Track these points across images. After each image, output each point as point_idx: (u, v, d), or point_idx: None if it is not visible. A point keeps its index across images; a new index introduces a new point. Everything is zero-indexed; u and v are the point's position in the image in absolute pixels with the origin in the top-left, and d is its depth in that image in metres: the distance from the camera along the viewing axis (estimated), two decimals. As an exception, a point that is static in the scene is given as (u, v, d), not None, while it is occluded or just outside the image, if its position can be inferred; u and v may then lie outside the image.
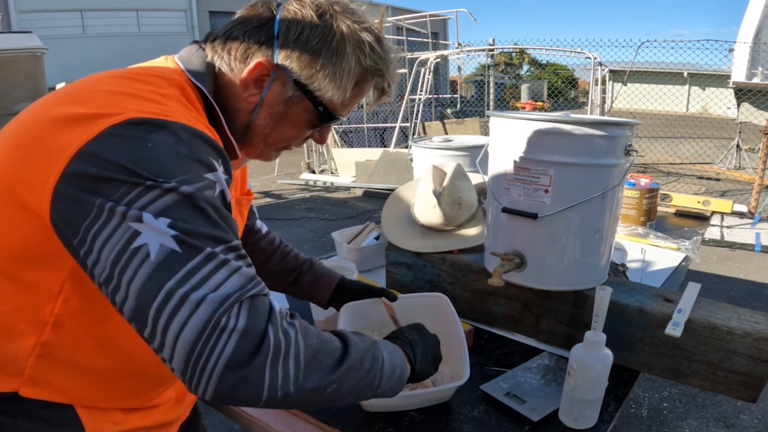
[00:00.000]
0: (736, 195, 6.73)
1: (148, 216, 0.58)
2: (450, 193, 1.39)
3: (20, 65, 5.77)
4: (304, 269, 1.17)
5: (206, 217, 0.61)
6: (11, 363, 0.70)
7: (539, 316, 1.22)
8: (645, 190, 2.02)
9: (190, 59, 0.79)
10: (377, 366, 0.73)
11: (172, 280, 0.57)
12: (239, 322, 0.58)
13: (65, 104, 0.66)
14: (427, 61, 7.92)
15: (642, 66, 10.69)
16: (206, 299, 0.57)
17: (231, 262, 0.61)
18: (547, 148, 1.02)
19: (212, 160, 0.65)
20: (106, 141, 0.60)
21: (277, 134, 0.83)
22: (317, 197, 7.07)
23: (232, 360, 0.57)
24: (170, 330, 0.57)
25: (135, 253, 0.58)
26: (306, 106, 0.80)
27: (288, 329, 0.63)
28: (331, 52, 0.76)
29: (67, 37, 14.88)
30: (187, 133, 0.64)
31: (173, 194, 0.60)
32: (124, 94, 0.66)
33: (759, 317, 1.01)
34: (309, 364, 0.63)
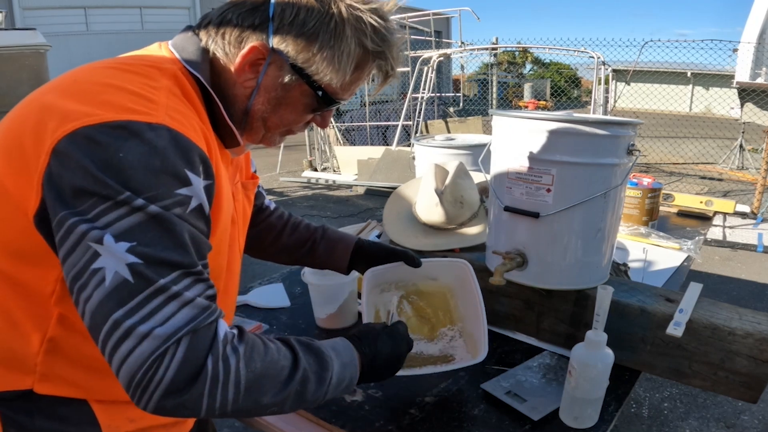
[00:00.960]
0: (739, 195, 6.71)
1: (109, 239, 0.58)
2: (452, 192, 1.39)
3: (24, 62, 5.77)
4: (318, 237, 1.16)
5: (168, 240, 0.61)
6: (22, 360, 0.71)
7: (540, 315, 1.22)
8: (647, 189, 2.02)
9: (184, 46, 0.76)
10: (323, 386, 0.74)
11: (120, 311, 0.58)
12: (176, 358, 0.59)
13: (57, 95, 0.66)
14: (430, 60, 7.91)
15: (645, 65, 10.67)
16: (152, 334, 0.58)
17: (183, 294, 0.61)
18: (549, 147, 1.02)
19: (187, 172, 0.63)
20: (79, 142, 0.60)
21: (276, 119, 0.80)
22: (319, 195, 7.08)
23: (170, 388, 0.59)
24: (115, 356, 0.59)
25: (93, 275, 0.59)
26: (304, 90, 0.78)
27: (230, 357, 0.63)
28: (329, 34, 0.74)
29: (70, 34, 14.90)
30: (163, 140, 0.62)
31: (139, 214, 0.59)
32: (113, 87, 0.65)
33: (761, 318, 1.01)
34: (249, 388, 0.65)
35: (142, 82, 0.67)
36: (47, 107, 0.64)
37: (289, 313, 1.44)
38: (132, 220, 0.59)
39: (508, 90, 21.41)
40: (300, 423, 1.01)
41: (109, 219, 0.59)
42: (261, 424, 1.04)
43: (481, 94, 14.45)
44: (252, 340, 0.68)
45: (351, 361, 0.80)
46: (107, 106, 0.62)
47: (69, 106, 0.63)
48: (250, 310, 1.46)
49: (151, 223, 0.60)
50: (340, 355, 0.79)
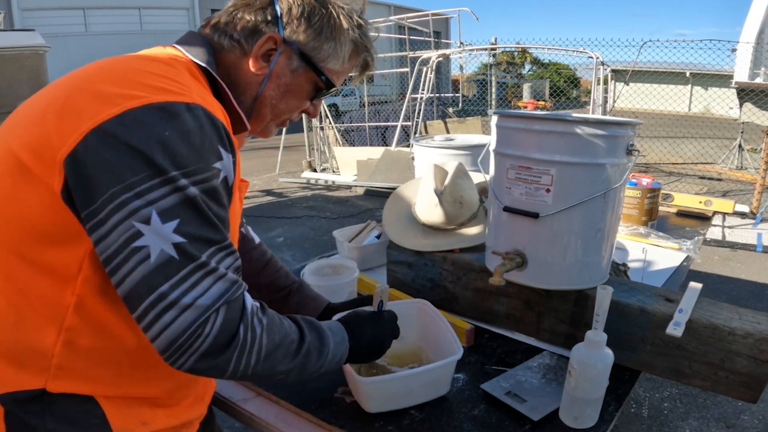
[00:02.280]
0: (738, 195, 6.72)
1: (156, 218, 0.63)
2: (451, 192, 1.39)
3: (23, 63, 5.77)
4: (293, 289, 1.20)
5: (206, 219, 0.67)
6: (38, 355, 0.71)
7: (540, 315, 1.22)
8: (647, 189, 2.02)
9: (189, 44, 0.83)
10: (322, 359, 0.84)
11: (167, 284, 0.64)
12: (215, 327, 0.66)
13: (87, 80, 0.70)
14: (429, 60, 7.91)
15: (644, 66, 10.67)
16: (194, 304, 0.65)
17: (218, 269, 0.68)
18: (548, 147, 1.02)
19: (220, 148, 0.70)
20: (127, 123, 0.64)
21: (283, 105, 0.89)
22: (318, 196, 7.08)
23: (206, 354, 0.67)
24: (157, 324, 0.65)
25: (136, 251, 0.64)
26: (309, 76, 0.88)
27: (256, 326, 0.72)
28: (331, 27, 0.86)
29: (69, 35, 14.91)
30: (201, 119, 0.68)
31: (181, 194, 0.65)
32: (146, 73, 0.70)
33: (760, 318, 1.01)
34: (268, 356, 0.74)
35: (167, 69, 0.73)
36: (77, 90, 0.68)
37: (289, 314, 1.44)
38: (175, 199, 0.65)
39: (507, 90, 21.44)
40: (300, 423, 1.01)
41: (155, 196, 0.63)
42: (260, 424, 1.04)
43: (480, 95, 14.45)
44: (271, 314, 0.77)
45: (342, 340, 0.90)
46: (146, 89, 0.67)
47: (107, 89, 0.67)
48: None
49: (192, 202, 0.66)
50: (334, 334, 0.89)
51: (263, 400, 1.09)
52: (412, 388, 1.00)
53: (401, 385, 0.99)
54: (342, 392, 1.06)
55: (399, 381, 0.99)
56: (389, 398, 0.99)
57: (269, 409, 1.05)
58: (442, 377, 1.03)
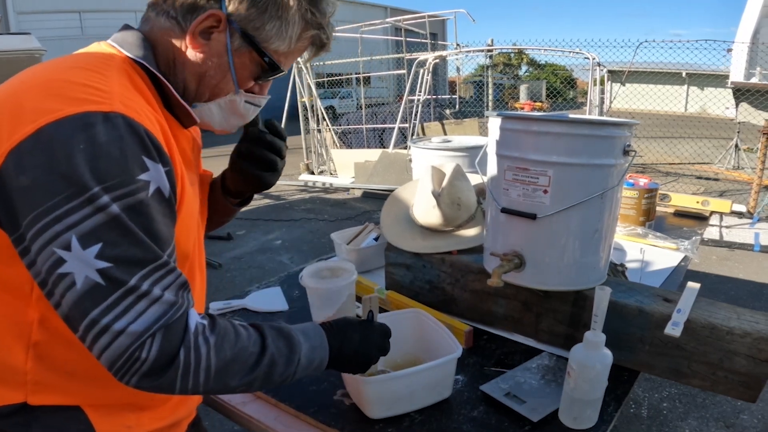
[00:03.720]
0: (735, 195, 6.74)
1: (76, 244, 0.61)
2: (449, 194, 1.39)
3: (19, 66, 5.73)
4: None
5: (133, 238, 0.64)
6: (12, 372, 0.70)
7: (539, 316, 1.22)
8: (644, 190, 2.02)
9: (124, 39, 0.78)
10: (291, 367, 0.79)
11: (96, 310, 0.62)
12: (152, 351, 0.64)
13: (13, 93, 0.67)
14: (425, 62, 7.92)
15: (640, 66, 10.70)
16: (126, 331, 0.63)
17: (152, 292, 0.65)
18: (546, 148, 1.02)
19: (144, 158, 0.66)
20: (41, 141, 0.61)
21: (223, 86, 0.82)
22: (316, 198, 7.07)
23: (147, 374, 0.65)
24: (95, 347, 0.64)
25: (61, 278, 0.62)
26: (252, 57, 0.81)
27: (201, 347, 0.69)
28: (277, 6, 0.79)
29: (65, 38, 14.86)
30: (120, 129, 0.64)
31: (102, 213, 0.61)
32: (66, 82, 0.67)
33: (758, 317, 1.01)
34: (219, 372, 0.71)
35: (91, 76, 0.69)
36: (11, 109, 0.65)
37: (288, 317, 1.44)
38: (96, 220, 0.61)
39: (504, 91, 21.45)
40: (299, 426, 1.01)
41: (74, 219, 0.61)
42: (259, 427, 1.03)
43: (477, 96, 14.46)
44: (224, 329, 0.73)
45: (321, 344, 0.85)
46: (62, 100, 0.64)
47: (24, 104, 0.64)
48: (248, 314, 1.46)
49: (116, 221, 0.62)
50: (309, 338, 0.84)
51: (262, 402, 1.08)
52: (413, 389, 1.00)
53: (402, 385, 0.98)
54: (341, 395, 1.06)
55: (400, 380, 0.98)
56: (391, 402, 0.99)
57: (268, 412, 1.05)
58: (443, 377, 1.03)
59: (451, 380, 1.04)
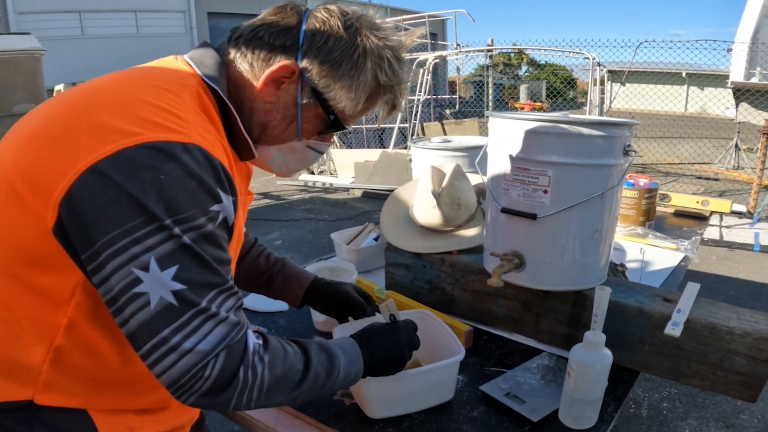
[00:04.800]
0: (735, 195, 6.73)
1: (154, 266, 0.63)
2: (449, 194, 1.39)
3: (19, 67, 5.76)
4: (275, 271, 1.17)
5: (204, 264, 0.66)
6: (25, 370, 0.71)
7: (539, 316, 1.22)
8: (644, 190, 2.02)
9: (202, 60, 0.79)
10: (332, 380, 0.82)
11: (167, 329, 0.64)
12: (215, 371, 0.67)
13: (87, 108, 0.67)
14: (425, 62, 7.92)
15: (640, 66, 10.70)
16: (194, 350, 0.65)
17: (219, 314, 0.68)
18: (545, 148, 1.02)
19: (219, 190, 0.68)
20: (122, 163, 0.62)
21: (285, 136, 0.84)
22: (316, 198, 7.07)
23: (206, 394, 0.68)
24: (159, 365, 0.66)
25: (136, 298, 0.64)
26: (318, 112, 0.82)
27: (257, 366, 0.72)
28: (351, 64, 0.78)
29: (65, 38, 14.87)
30: (199, 161, 0.66)
31: (177, 240, 0.64)
32: (146, 103, 0.67)
33: (758, 317, 1.01)
34: (270, 389, 0.74)
35: (170, 98, 0.70)
36: (75, 118, 0.66)
37: (288, 317, 1.44)
38: (172, 245, 0.64)
39: (504, 91, 21.44)
40: (299, 426, 1.01)
41: (152, 242, 0.63)
42: (260, 428, 1.03)
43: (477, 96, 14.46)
44: (274, 348, 0.76)
45: (356, 357, 0.87)
46: (144, 124, 0.65)
47: (104, 120, 0.65)
48: (248, 314, 1.46)
49: (188, 248, 0.65)
50: (346, 352, 0.86)
51: (262, 403, 1.08)
52: (415, 391, 0.99)
53: (403, 386, 0.98)
54: (341, 395, 1.06)
55: (401, 382, 0.98)
56: (392, 403, 0.99)
57: (268, 412, 1.05)
58: (445, 379, 1.02)
59: (453, 383, 1.04)
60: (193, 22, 17.25)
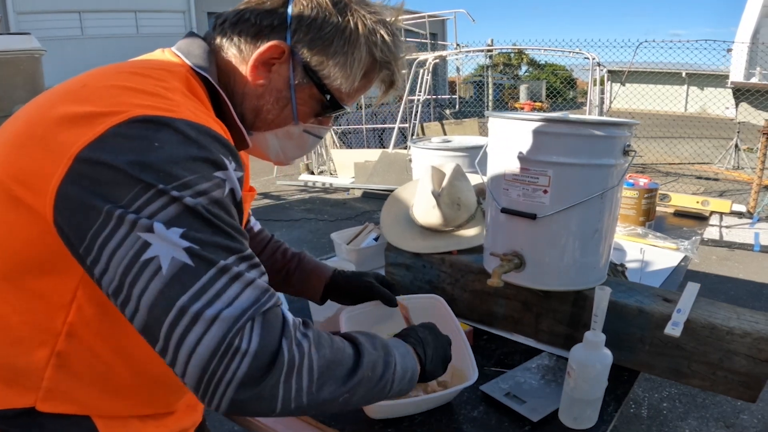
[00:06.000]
0: (735, 195, 6.73)
1: (159, 226, 0.57)
2: (449, 194, 1.39)
3: (19, 67, 5.77)
4: (292, 267, 1.13)
5: (217, 227, 0.60)
6: (27, 376, 0.69)
7: (539, 316, 1.22)
8: (644, 190, 2.02)
9: (189, 50, 0.77)
10: (390, 372, 0.73)
11: (185, 296, 0.56)
12: (252, 342, 0.57)
13: (68, 102, 0.64)
14: (425, 62, 7.92)
15: (640, 66, 10.70)
16: (220, 316, 0.56)
17: (244, 275, 0.60)
18: (545, 148, 1.02)
19: (222, 157, 0.63)
20: (111, 141, 0.58)
21: (281, 120, 0.81)
22: (316, 198, 7.07)
23: (246, 378, 0.57)
24: (183, 347, 0.56)
25: (146, 266, 0.56)
26: (312, 93, 0.79)
27: (302, 341, 0.62)
28: (344, 40, 0.76)
29: (65, 38, 14.87)
30: (194, 130, 0.62)
31: (182, 203, 0.58)
32: (129, 89, 0.64)
33: (758, 317, 1.01)
34: (322, 375, 0.63)
35: (156, 84, 0.66)
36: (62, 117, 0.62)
37: (287, 317, 1.43)
38: (177, 208, 0.58)
39: (503, 92, 21.44)
40: (299, 426, 1.01)
41: (154, 208, 0.57)
42: (259, 427, 1.03)
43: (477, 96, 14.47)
44: (315, 329, 0.67)
45: (408, 353, 0.81)
46: (129, 105, 0.61)
47: (87, 110, 0.61)
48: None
49: (196, 211, 0.59)
50: (396, 346, 0.79)
51: (262, 403, 1.08)
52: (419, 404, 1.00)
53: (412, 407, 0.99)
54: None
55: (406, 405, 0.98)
56: (393, 404, 0.99)
57: (268, 413, 1.05)
58: (447, 399, 1.02)
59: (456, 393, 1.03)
60: (193, 22, 17.25)
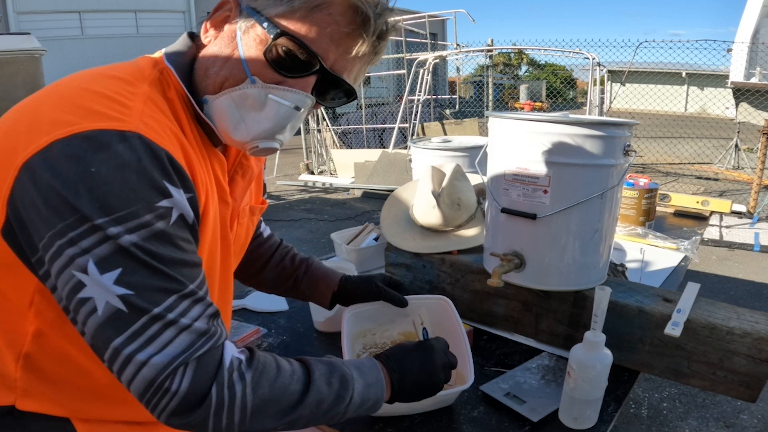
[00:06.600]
0: (735, 195, 6.73)
1: (93, 268, 0.57)
2: (449, 194, 1.39)
3: (19, 67, 5.76)
4: (301, 273, 1.13)
5: (153, 268, 0.59)
6: (3, 377, 0.69)
7: (539, 316, 1.22)
8: (644, 190, 2.02)
9: (175, 44, 0.76)
10: (341, 406, 0.73)
11: (118, 339, 0.58)
12: (182, 385, 0.60)
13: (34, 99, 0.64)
14: (425, 62, 7.92)
15: (640, 66, 10.70)
16: (150, 362, 0.59)
17: (179, 321, 0.60)
18: (546, 148, 1.02)
19: (165, 183, 0.60)
20: (54, 157, 0.57)
21: (231, 76, 0.70)
22: (316, 198, 7.07)
23: (175, 413, 0.61)
24: (121, 379, 0.60)
25: (82, 304, 0.58)
26: (258, 34, 0.69)
27: (236, 384, 0.63)
28: None
29: (65, 38, 14.88)
30: (137, 150, 0.59)
31: (113, 242, 0.57)
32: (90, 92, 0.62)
33: (758, 317, 1.01)
34: (256, 412, 0.65)
35: (121, 86, 0.65)
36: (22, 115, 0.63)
37: (288, 317, 1.44)
38: (110, 248, 0.57)
39: (503, 92, 21.46)
40: (299, 427, 1.01)
41: (88, 243, 0.57)
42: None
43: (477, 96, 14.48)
44: (263, 364, 0.67)
45: (377, 381, 0.79)
46: (79, 113, 0.59)
47: (42, 116, 0.61)
48: (248, 314, 1.46)
49: (128, 252, 0.58)
50: (364, 374, 0.78)
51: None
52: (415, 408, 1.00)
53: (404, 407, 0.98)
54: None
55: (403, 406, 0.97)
56: (391, 411, 0.99)
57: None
58: (447, 400, 1.02)
59: (456, 395, 1.03)
60: (193, 22, 17.25)
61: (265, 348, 1.28)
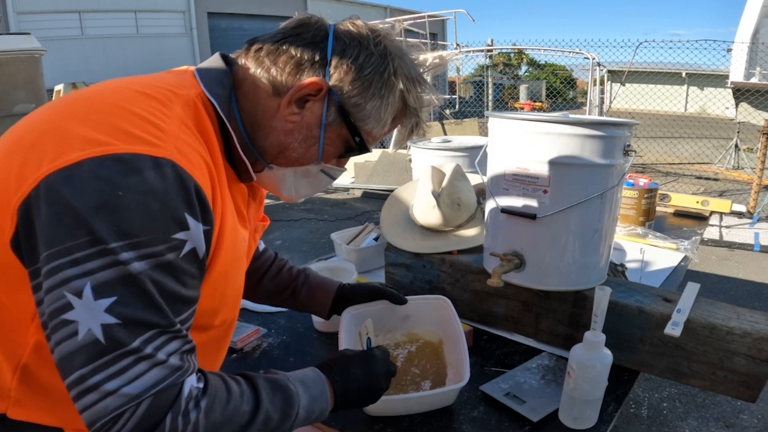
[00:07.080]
0: (735, 195, 6.74)
1: (89, 292, 0.56)
2: (449, 194, 1.39)
3: (19, 67, 5.77)
4: (299, 284, 1.14)
5: (149, 300, 0.59)
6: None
7: (539, 316, 1.22)
8: (644, 190, 2.02)
9: (209, 72, 0.75)
10: (288, 422, 0.74)
11: (88, 368, 0.57)
12: (137, 414, 0.59)
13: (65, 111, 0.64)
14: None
15: (640, 66, 10.70)
16: (118, 392, 0.58)
17: (155, 356, 0.60)
18: (545, 148, 1.02)
19: (187, 215, 0.61)
20: (79, 175, 0.57)
21: (305, 159, 0.78)
22: (316, 198, 7.07)
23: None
24: (77, 403, 0.59)
25: (64, 325, 0.57)
26: (342, 133, 0.77)
27: (191, 413, 0.63)
28: (383, 83, 0.74)
29: (65, 38, 14.88)
30: (167, 179, 0.60)
31: (121, 268, 0.57)
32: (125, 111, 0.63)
33: (758, 317, 1.01)
34: None
35: (155, 107, 0.65)
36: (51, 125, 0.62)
37: (287, 317, 1.44)
38: (114, 273, 0.57)
39: (503, 92, 21.46)
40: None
41: (92, 266, 0.57)
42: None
43: (477, 96, 14.47)
44: (215, 391, 0.67)
45: (321, 394, 0.80)
46: (117, 134, 0.60)
47: (75, 129, 0.60)
48: (248, 314, 1.46)
49: (134, 279, 0.58)
50: (309, 389, 0.78)
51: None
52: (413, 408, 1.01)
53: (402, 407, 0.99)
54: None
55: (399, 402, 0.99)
56: (390, 410, 1.00)
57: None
58: (445, 399, 1.02)
59: (455, 396, 1.03)
60: (193, 22, 17.25)
61: (265, 348, 1.28)
